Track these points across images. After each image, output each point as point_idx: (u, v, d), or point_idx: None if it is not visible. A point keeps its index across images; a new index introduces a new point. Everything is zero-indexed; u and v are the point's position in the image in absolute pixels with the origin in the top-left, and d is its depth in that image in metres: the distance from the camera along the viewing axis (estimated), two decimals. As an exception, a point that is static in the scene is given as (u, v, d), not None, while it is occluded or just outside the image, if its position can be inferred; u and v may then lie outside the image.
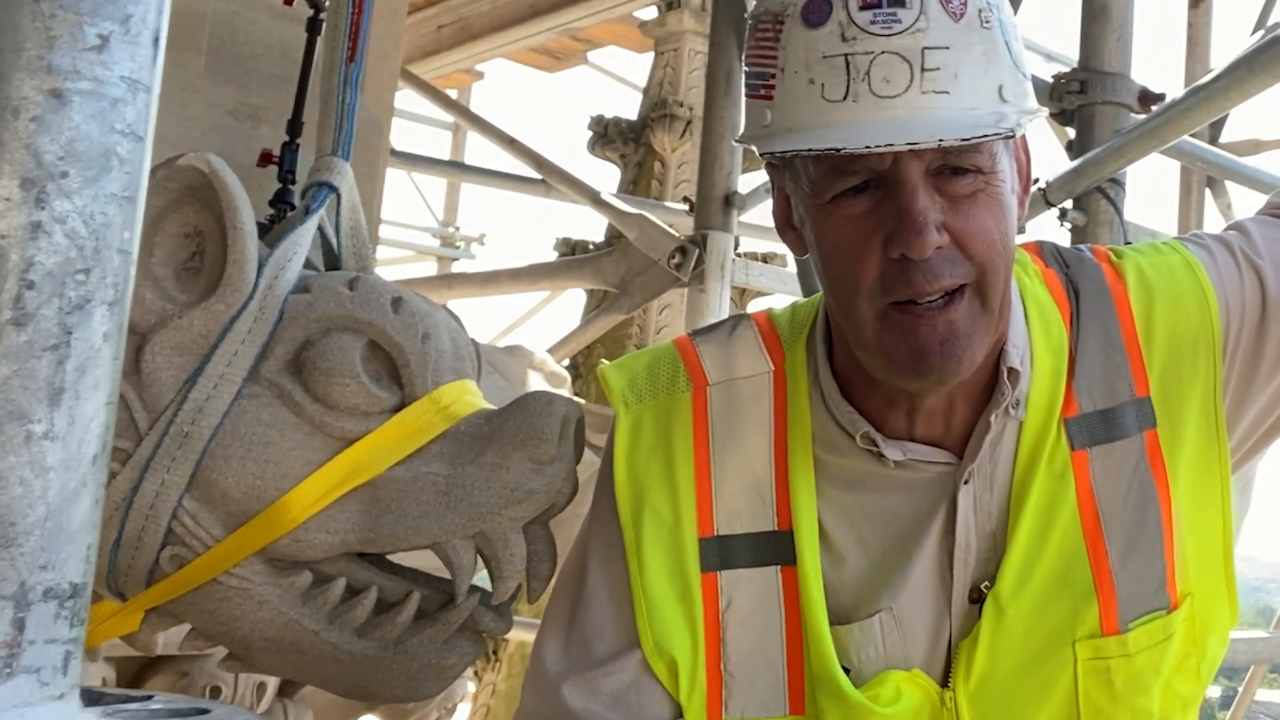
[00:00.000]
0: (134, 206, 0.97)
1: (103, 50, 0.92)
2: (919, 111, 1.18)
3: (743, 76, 1.34)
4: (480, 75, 8.73)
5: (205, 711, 1.05)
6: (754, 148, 1.30)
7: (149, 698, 1.07)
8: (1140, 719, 1.35)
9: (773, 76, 1.25)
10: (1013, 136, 1.22)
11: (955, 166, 1.23)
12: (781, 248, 6.21)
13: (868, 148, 1.17)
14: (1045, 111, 1.29)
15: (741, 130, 1.35)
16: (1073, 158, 3.11)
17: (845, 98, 1.19)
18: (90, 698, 1.02)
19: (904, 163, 1.21)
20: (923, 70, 1.18)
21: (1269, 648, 4.62)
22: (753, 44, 1.28)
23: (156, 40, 0.96)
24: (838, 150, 1.19)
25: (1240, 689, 6.14)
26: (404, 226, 9.41)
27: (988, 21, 1.21)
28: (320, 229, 1.74)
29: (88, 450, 0.96)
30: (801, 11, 1.22)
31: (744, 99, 1.34)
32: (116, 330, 0.97)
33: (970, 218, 1.24)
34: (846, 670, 1.36)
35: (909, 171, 1.21)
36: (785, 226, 1.41)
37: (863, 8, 1.19)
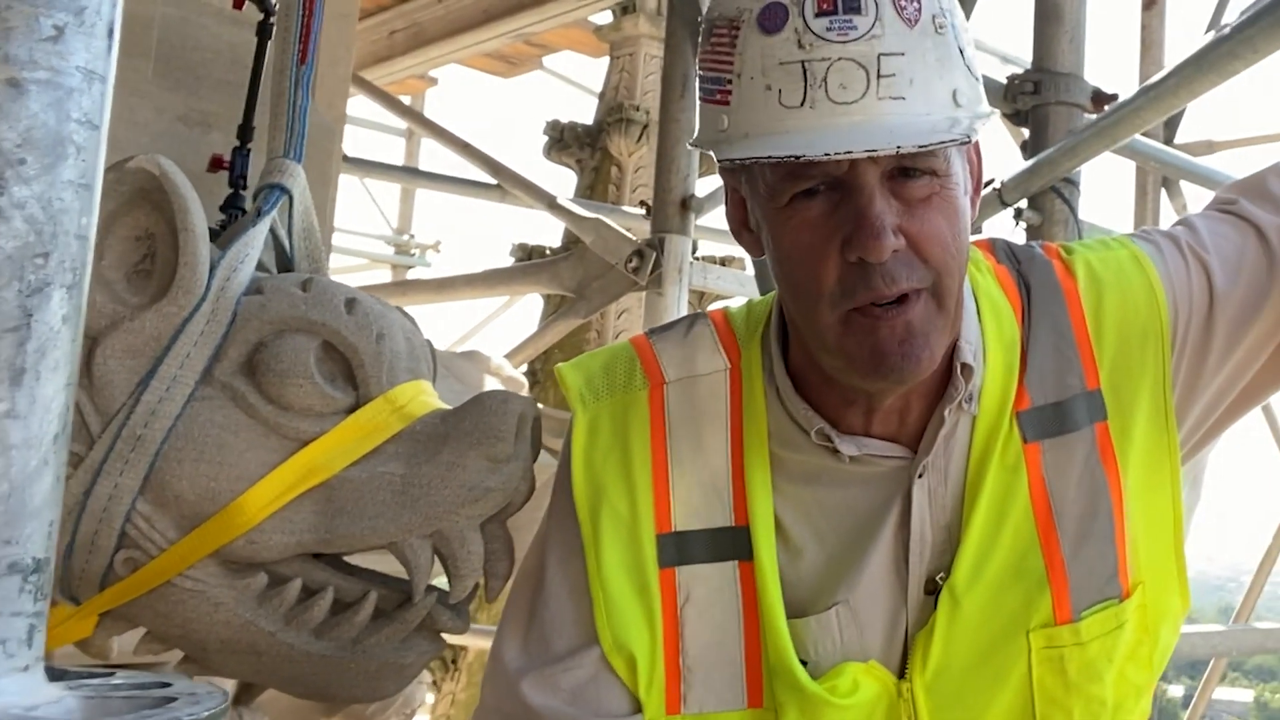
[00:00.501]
0: (90, 193, 0.99)
1: (58, 41, 0.94)
2: (876, 117, 1.19)
3: (696, 81, 1.34)
4: (434, 81, 8.70)
5: (166, 685, 1.05)
6: (711, 153, 1.31)
7: (111, 673, 1.08)
8: (1093, 707, 1.36)
9: (729, 82, 1.25)
10: (968, 142, 1.23)
11: (910, 169, 1.24)
12: (740, 251, 6.22)
13: (827, 155, 1.18)
14: (996, 113, 1.31)
15: (696, 134, 1.35)
16: (1027, 158, 3.14)
17: (803, 104, 1.20)
18: (53, 674, 1.03)
19: (861, 167, 1.22)
20: (879, 76, 1.19)
21: (1228, 641, 4.67)
22: (707, 49, 1.28)
23: (111, 31, 0.98)
24: (798, 157, 1.19)
25: (1200, 684, 6.21)
26: (357, 234, 9.35)
27: (941, 27, 1.22)
28: (272, 231, 1.74)
29: (49, 429, 0.98)
30: (757, 18, 1.22)
31: (698, 103, 1.34)
32: (75, 313, 0.99)
33: (925, 221, 1.25)
34: (804, 663, 1.36)
35: (866, 175, 1.22)
36: (741, 228, 1.41)
37: (819, 14, 1.19)
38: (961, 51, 1.25)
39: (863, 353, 1.27)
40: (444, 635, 1.73)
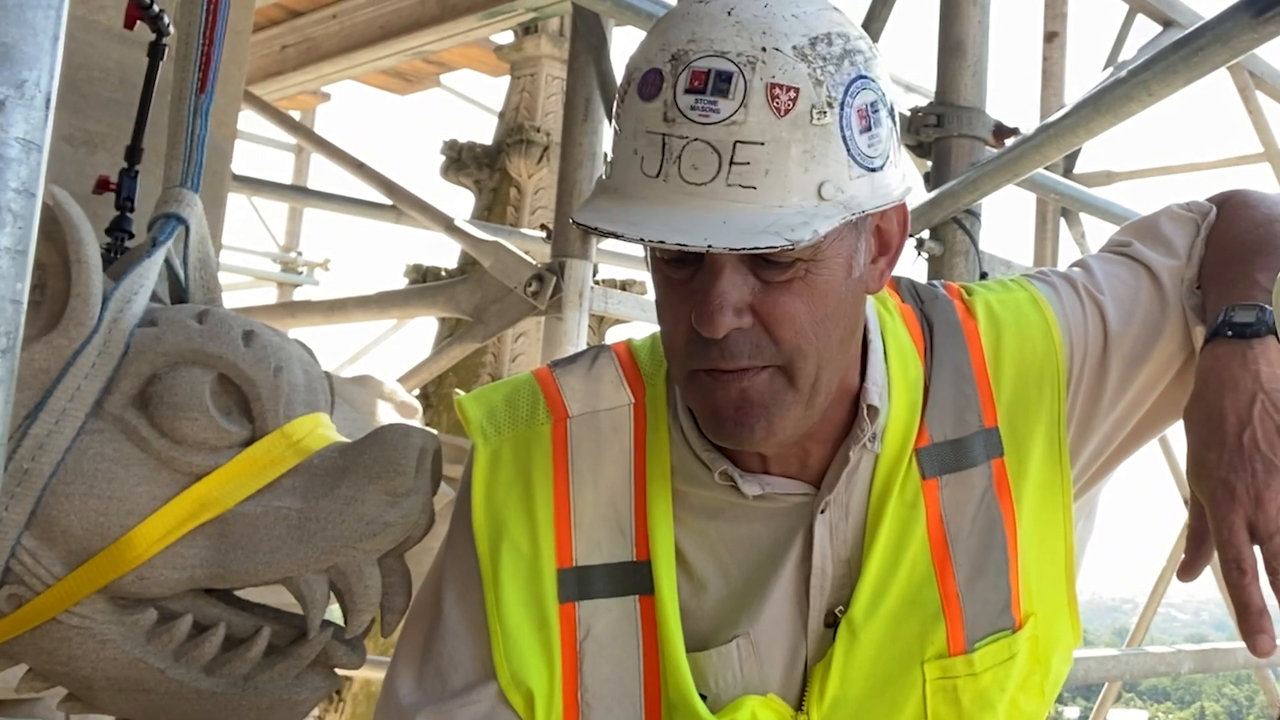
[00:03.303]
0: (25, 259, 0.99)
1: None
2: (721, 204, 1.17)
3: (603, 106, 1.35)
4: (326, 96, 8.59)
5: None
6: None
7: None
8: None
9: (616, 135, 1.26)
10: (792, 249, 1.18)
11: (767, 257, 1.22)
12: (640, 275, 6.24)
13: (643, 239, 1.17)
14: (886, 202, 1.28)
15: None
16: (930, 189, 3.20)
17: (658, 175, 1.19)
18: None
19: None
20: (731, 163, 1.17)
21: (1119, 666, 4.78)
22: (616, 97, 1.29)
23: (48, 102, 0.99)
24: (618, 235, 1.19)
25: (1095, 707, 6.35)
26: (242, 251, 9.17)
27: (822, 115, 1.19)
28: (167, 261, 1.70)
29: None
30: (639, 81, 1.22)
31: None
32: (9, 376, 0.99)
33: (778, 304, 1.24)
34: (704, 697, 1.37)
35: (718, 254, 1.21)
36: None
37: (688, 91, 1.18)
38: (847, 142, 1.21)
39: (704, 412, 1.30)
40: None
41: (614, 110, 1.28)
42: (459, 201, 7.05)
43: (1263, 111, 5.70)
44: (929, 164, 3.27)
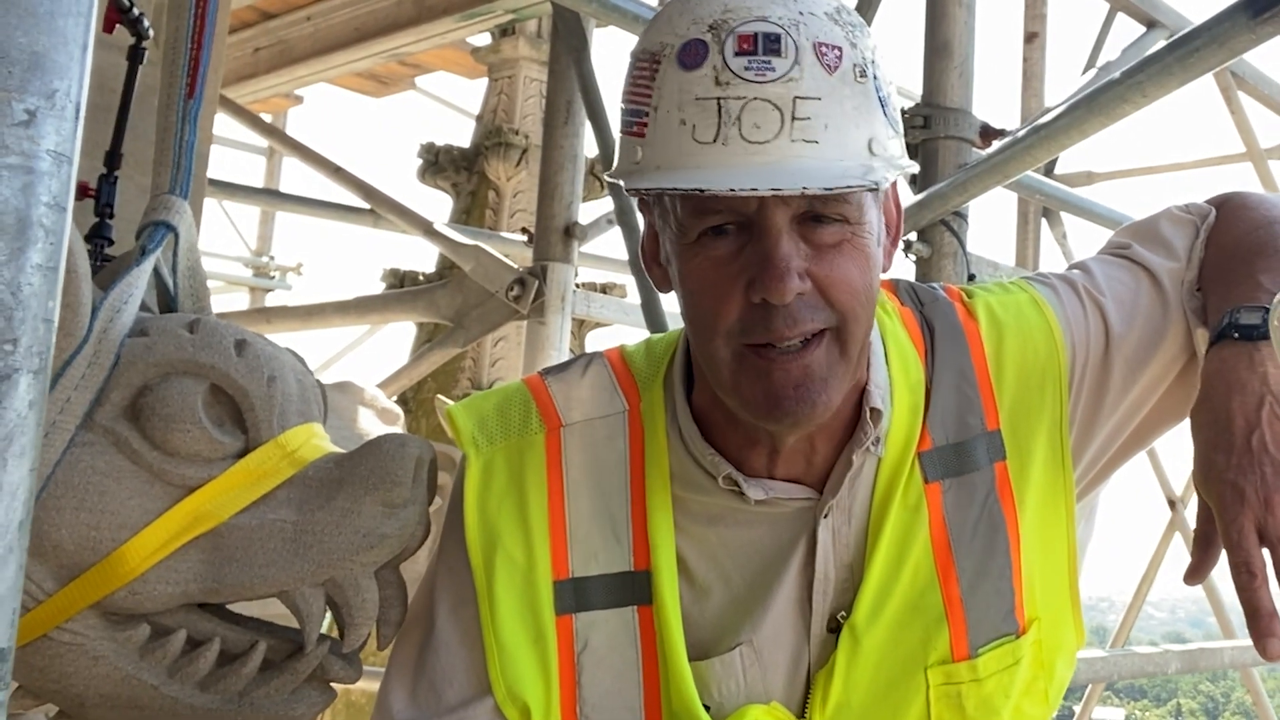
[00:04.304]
0: (55, 276, 0.98)
1: (30, 125, 0.94)
2: (787, 159, 1.19)
3: (613, 110, 1.34)
4: (299, 99, 8.53)
5: None
6: (622, 184, 1.30)
7: None
8: None
9: (646, 115, 1.25)
10: (876, 189, 1.23)
11: (821, 215, 1.24)
12: (622, 278, 6.22)
13: (732, 190, 1.17)
14: (915, 166, 1.31)
15: (614, 166, 1.34)
16: (917, 191, 3.20)
17: (715, 140, 1.20)
18: None
19: (770, 208, 1.22)
20: (793, 119, 1.19)
21: (1106, 667, 4.80)
22: (629, 82, 1.28)
23: (78, 112, 0.97)
24: (701, 191, 1.19)
25: (1078, 708, 6.37)
26: (213, 255, 9.09)
27: (863, 75, 1.23)
28: (156, 270, 1.67)
29: (14, 517, 0.95)
30: (678, 53, 1.22)
31: (617, 135, 1.33)
32: (40, 398, 0.98)
33: (834, 266, 1.25)
34: (707, 707, 1.36)
35: (775, 217, 1.22)
36: (652, 262, 1.41)
37: (738, 54, 1.19)
38: (883, 102, 1.26)
39: (756, 394, 1.27)
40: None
41: (636, 92, 1.27)
42: (436, 205, 7.01)
43: (1245, 112, 5.73)
44: (916, 165, 3.26)
